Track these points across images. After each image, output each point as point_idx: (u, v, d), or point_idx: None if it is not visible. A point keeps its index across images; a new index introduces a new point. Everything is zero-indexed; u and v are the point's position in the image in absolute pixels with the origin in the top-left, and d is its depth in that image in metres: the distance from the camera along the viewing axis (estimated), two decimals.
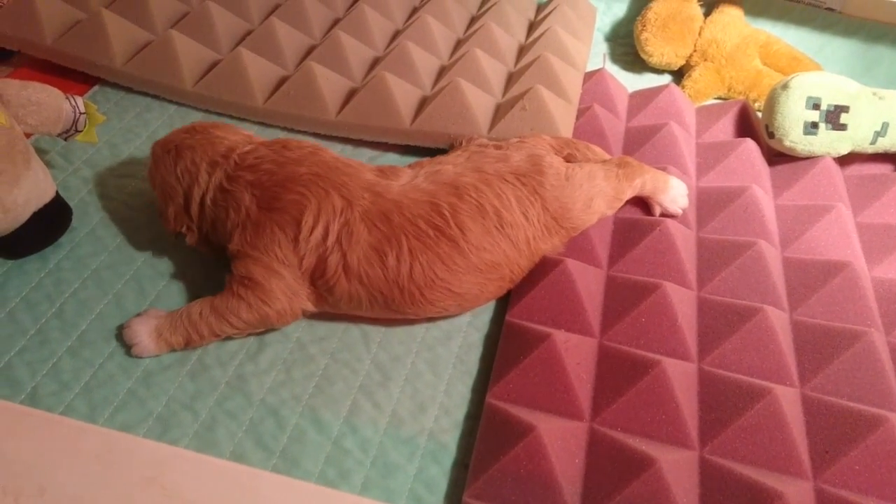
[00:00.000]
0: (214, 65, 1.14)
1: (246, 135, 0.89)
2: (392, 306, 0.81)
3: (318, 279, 0.79)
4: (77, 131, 0.91)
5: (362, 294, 0.79)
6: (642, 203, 0.97)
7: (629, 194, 0.93)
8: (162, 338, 0.79)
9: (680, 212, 0.96)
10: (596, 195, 0.89)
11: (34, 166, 0.84)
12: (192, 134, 0.86)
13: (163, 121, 1.10)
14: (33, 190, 0.84)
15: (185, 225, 0.84)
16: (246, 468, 0.57)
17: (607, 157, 0.98)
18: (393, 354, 0.83)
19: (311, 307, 0.82)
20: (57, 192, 0.89)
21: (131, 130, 1.08)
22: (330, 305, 0.82)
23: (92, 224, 0.94)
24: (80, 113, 0.91)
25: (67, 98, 0.90)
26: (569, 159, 0.94)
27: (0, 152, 0.79)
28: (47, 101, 0.87)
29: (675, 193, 0.95)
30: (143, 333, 0.79)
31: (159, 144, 0.87)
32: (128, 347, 0.79)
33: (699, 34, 1.30)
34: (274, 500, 0.49)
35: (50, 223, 0.88)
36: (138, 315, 0.82)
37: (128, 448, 0.50)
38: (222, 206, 0.80)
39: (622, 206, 0.95)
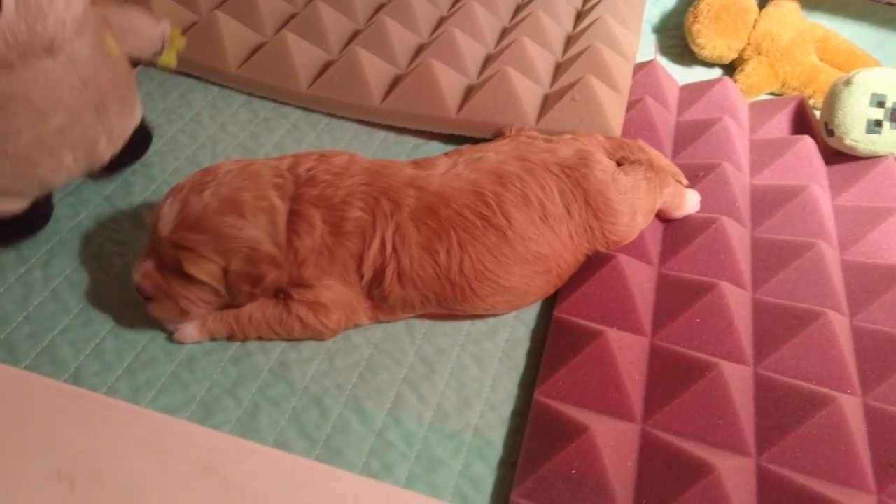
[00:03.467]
0: (259, 48, 1.13)
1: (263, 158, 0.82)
2: (443, 304, 0.79)
3: (374, 290, 0.77)
4: (159, 55, 0.92)
5: (415, 297, 0.78)
6: None
7: (659, 205, 0.90)
8: (206, 327, 0.77)
9: None
10: (639, 209, 0.86)
11: (136, 90, 0.88)
12: (225, 176, 0.74)
13: (206, 102, 1.09)
14: (138, 115, 0.89)
15: (279, 264, 0.74)
16: (305, 461, 0.55)
17: (664, 159, 0.94)
18: (437, 347, 0.81)
19: (366, 322, 0.80)
20: (143, 117, 0.92)
21: (175, 111, 1.07)
22: (384, 313, 0.80)
23: (134, 204, 0.93)
24: (166, 39, 0.91)
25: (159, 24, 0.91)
26: (621, 163, 0.90)
27: (124, 83, 0.82)
28: (144, 27, 0.87)
29: (689, 209, 0.93)
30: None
31: (193, 220, 0.71)
32: (170, 332, 0.78)
33: (753, 27, 1.26)
34: (334, 494, 0.47)
35: (138, 144, 0.92)
36: None
37: (183, 435, 0.49)
38: (292, 229, 0.74)
39: None
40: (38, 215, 0.86)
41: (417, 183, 0.78)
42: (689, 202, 0.92)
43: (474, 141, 1.05)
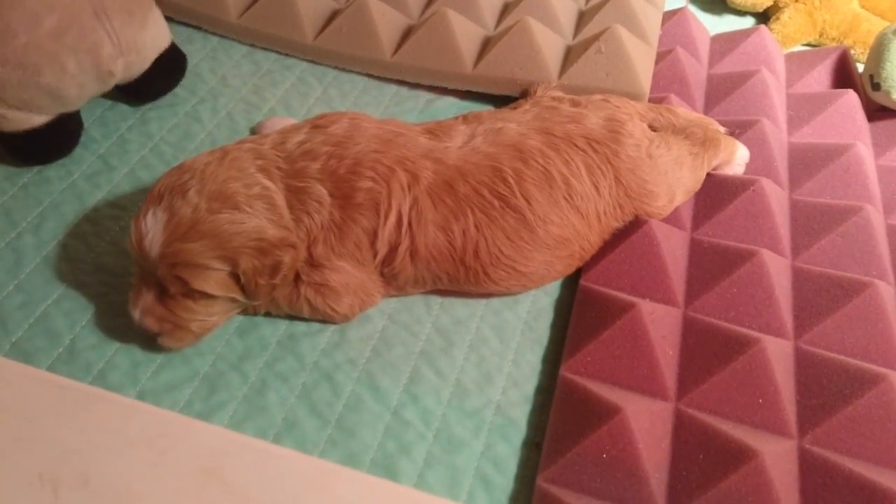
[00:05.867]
0: None
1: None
2: (454, 284, 0.74)
3: (385, 268, 0.71)
4: None
5: (427, 276, 0.72)
6: None
7: (702, 180, 0.84)
8: None
9: None
10: (679, 189, 0.80)
11: (156, 9, 0.89)
12: (204, 171, 0.66)
13: (205, 53, 1.02)
14: (157, 33, 0.89)
15: (292, 244, 0.67)
16: (320, 462, 0.51)
17: (692, 116, 0.87)
18: (456, 318, 0.76)
19: (377, 302, 0.75)
20: (172, 41, 0.93)
21: None
22: (395, 289, 0.75)
23: (131, 164, 0.87)
24: None
25: None
26: (654, 127, 0.83)
27: None
28: None
29: (738, 164, 0.87)
30: None
31: (186, 228, 0.63)
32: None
33: None
34: (348, 498, 0.42)
35: (170, 68, 0.93)
36: None
37: (184, 433, 0.43)
38: (300, 208, 0.67)
39: None
40: (61, 132, 0.85)
41: (435, 155, 0.72)
42: (740, 157, 0.86)
43: (492, 97, 0.98)
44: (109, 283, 0.75)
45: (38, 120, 0.81)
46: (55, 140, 0.85)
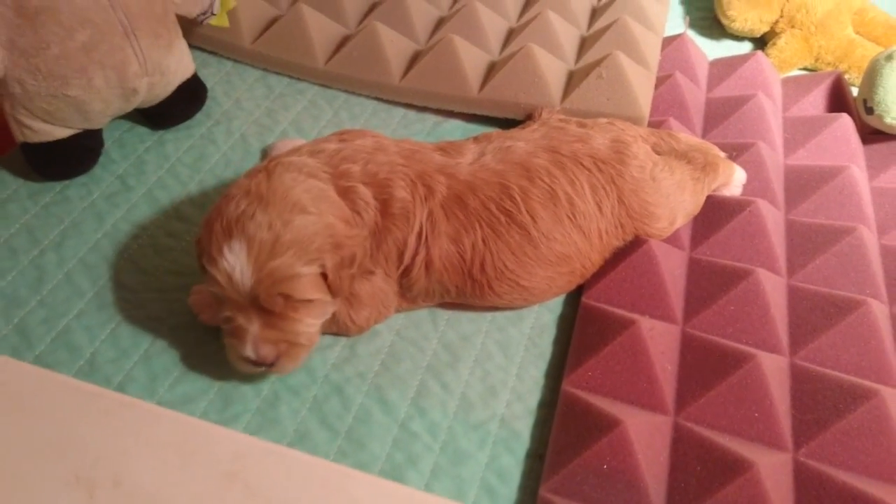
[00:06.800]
0: (274, 21, 1.09)
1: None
2: (461, 297, 0.77)
3: (402, 278, 0.74)
4: (212, 14, 0.99)
5: (437, 288, 0.75)
6: None
7: (702, 203, 0.87)
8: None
9: None
10: (680, 212, 0.83)
11: (182, 39, 0.94)
12: (258, 191, 0.66)
13: (220, 77, 1.06)
14: (181, 60, 0.94)
15: (358, 234, 0.68)
16: (338, 466, 0.53)
17: (693, 141, 0.90)
18: (462, 334, 0.78)
19: (391, 315, 0.78)
20: (195, 72, 0.98)
21: None
22: (407, 301, 0.77)
23: (148, 184, 0.90)
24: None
25: None
26: (658, 151, 0.86)
27: (157, 18, 0.88)
28: None
29: (735, 185, 0.90)
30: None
31: (270, 247, 0.63)
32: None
33: None
34: (367, 502, 0.45)
35: (191, 97, 0.98)
36: None
37: (208, 438, 0.46)
38: (351, 207, 0.69)
39: None
40: (82, 148, 0.89)
41: (447, 170, 0.75)
42: (737, 179, 0.89)
43: (497, 120, 1.02)
44: (128, 299, 0.78)
45: (61, 133, 0.86)
46: (76, 155, 0.89)
